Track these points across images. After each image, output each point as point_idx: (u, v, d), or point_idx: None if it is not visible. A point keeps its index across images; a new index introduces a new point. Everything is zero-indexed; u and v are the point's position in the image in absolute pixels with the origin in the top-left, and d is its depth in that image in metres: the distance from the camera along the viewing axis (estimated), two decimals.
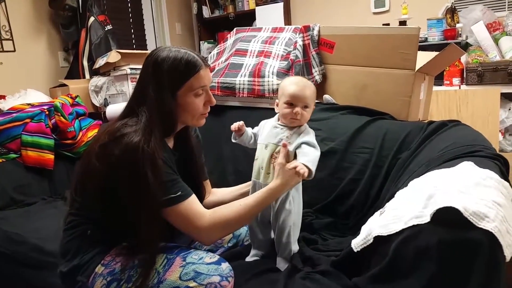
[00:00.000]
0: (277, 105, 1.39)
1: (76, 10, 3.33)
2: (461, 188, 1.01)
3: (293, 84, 1.35)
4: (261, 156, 1.36)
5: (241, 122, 1.43)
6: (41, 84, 3.24)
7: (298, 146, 1.30)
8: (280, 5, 4.41)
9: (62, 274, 1.23)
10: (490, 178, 1.07)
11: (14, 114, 2.36)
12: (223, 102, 2.20)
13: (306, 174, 1.21)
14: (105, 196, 1.15)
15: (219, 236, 1.27)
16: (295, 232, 1.37)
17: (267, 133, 1.38)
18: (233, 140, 1.46)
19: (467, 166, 1.16)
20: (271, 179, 1.30)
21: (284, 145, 1.28)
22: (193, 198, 1.20)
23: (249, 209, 1.23)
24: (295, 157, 1.30)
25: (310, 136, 1.34)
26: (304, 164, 1.22)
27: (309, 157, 1.26)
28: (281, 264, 1.33)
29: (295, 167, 1.21)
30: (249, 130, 1.45)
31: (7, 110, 2.44)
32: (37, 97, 2.75)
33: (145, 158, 1.10)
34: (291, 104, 1.33)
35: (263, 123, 1.44)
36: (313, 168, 1.25)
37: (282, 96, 1.36)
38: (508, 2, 3.62)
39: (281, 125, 1.37)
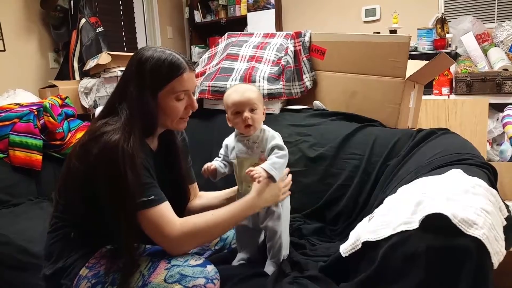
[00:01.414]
0: (228, 120, 1.36)
1: (67, 11, 3.32)
2: (450, 195, 1.01)
3: (234, 93, 1.32)
4: (239, 171, 1.35)
5: (208, 164, 1.37)
6: (30, 85, 3.21)
7: (269, 152, 1.30)
8: (272, 11, 4.43)
9: (46, 277, 1.21)
10: (479, 186, 1.08)
11: (2, 114, 2.32)
12: (213, 106, 2.19)
13: (261, 179, 1.20)
14: (86, 197, 1.13)
15: (190, 246, 1.19)
16: (285, 236, 1.36)
17: (236, 149, 1.35)
18: (213, 180, 1.41)
19: (456, 174, 1.17)
20: None
21: (249, 172, 1.23)
22: (166, 205, 1.16)
23: (222, 220, 1.21)
24: None
25: (276, 139, 1.32)
26: (263, 168, 1.22)
27: (271, 161, 1.26)
28: (270, 268, 1.33)
29: (250, 171, 1.21)
30: (217, 164, 1.39)
31: None
32: (26, 97, 2.72)
33: (125, 156, 1.08)
34: (237, 112, 1.30)
35: (225, 141, 1.42)
36: (274, 172, 1.24)
37: (228, 108, 1.33)
38: (497, 14, 3.68)
39: (244, 137, 1.34)
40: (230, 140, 1.40)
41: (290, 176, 1.39)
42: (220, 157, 1.42)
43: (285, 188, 1.35)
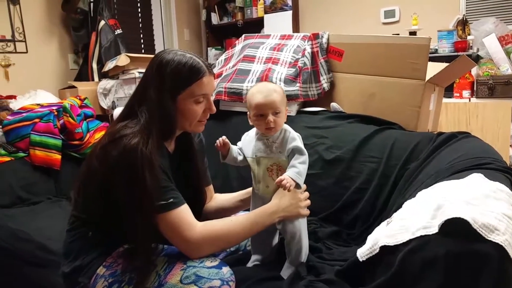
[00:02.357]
0: (250, 119, 1.33)
1: (87, 13, 3.37)
2: (470, 199, 0.99)
3: (257, 94, 1.28)
4: (256, 170, 1.34)
5: (224, 137, 1.35)
6: (50, 85, 3.27)
7: (289, 153, 1.29)
8: (289, 13, 4.42)
9: (64, 275, 1.22)
10: (501, 190, 1.06)
11: (24, 114, 2.37)
12: (229, 108, 2.19)
13: (292, 188, 1.21)
14: (105, 198, 1.14)
15: (209, 251, 1.17)
16: (305, 239, 1.34)
17: (254, 146, 1.34)
18: (221, 161, 1.39)
19: (476, 178, 1.14)
20: (271, 192, 1.30)
21: (279, 182, 1.22)
22: (185, 208, 1.16)
23: (241, 227, 1.21)
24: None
25: (297, 141, 1.30)
26: (290, 177, 1.21)
27: (297, 169, 1.24)
28: (286, 271, 1.31)
29: (280, 181, 1.20)
30: (234, 147, 1.38)
31: (17, 109, 2.45)
32: (47, 97, 2.77)
33: (143, 159, 1.08)
34: (261, 115, 1.27)
35: (244, 136, 1.40)
36: (300, 181, 1.24)
37: (250, 108, 1.31)
38: None
39: (264, 136, 1.32)
40: (248, 135, 1.39)
41: (306, 193, 1.36)
42: (237, 146, 1.40)
43: (306, 203, 1.32)
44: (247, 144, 1.37)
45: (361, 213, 1.70)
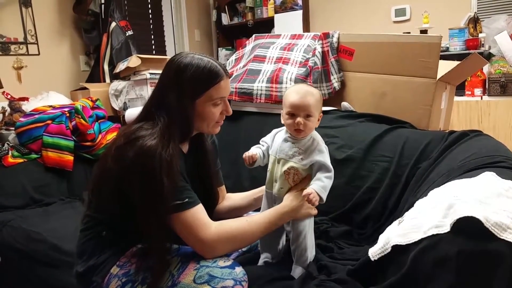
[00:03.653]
0: (282, 115, 1.33)
1: (98, 15, 3.40)
2: (482, 198, 0.98)
3: (294, 93, 1.29)
4: (273, 170, 1.33)
5: (254, 153, 1.35)
6: (62, 87, 3.31)
7: (313, 163, 1.29)
8: (299, 12, 4.41)
9: (78, 274, 1.24)
10: None
11: (36, 116, 2.40)
12: (240, 108, 2.20)
13: (317, 203, 1.21)
14: (119, 198, 1.15)
15: (223, 250, 1.18)
16: (310, 237, 1.35)
17: (278, 146, 1.33)
18: (249, 167, 1.39)
19: (489, 177, 1.13)
20: (284, 194, 1.30)
21: (306, 195, 1.22)
22: (200, 207, 1.17)
23: (256, 227, 1.23)
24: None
25: (324, 155, 1.30)
26: (316, 192, 1.21)
27: (322, 183, 1.24)
28: (296, 271, 1.32)
29: (308, 194, 1.20)
30: (259, 151, 1.37)
31: (30, 111, 2.49)
32: (59, 99, 2.80)
33: (162, 164, 1.09)
34: (292, 114, 1.27)
35: (274, 132, 1.40)
36: (324, 196, 1.24)
37: (284, 106, 1.31)
38: None
39: (292, 138, 1.32)
40: (278, 134, 1.38)
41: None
42: (263, 146, 1.40)
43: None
44: (275, 141, 1.36)
45: (373, 212, 1.70)
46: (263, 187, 1.41)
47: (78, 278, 1.24)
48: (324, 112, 2.06)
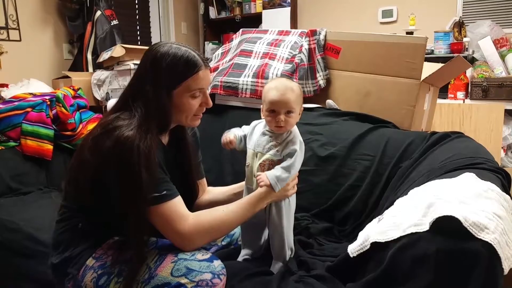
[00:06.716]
0: (262, 111, 1.31)
1: (83, 3, 3.33)
2: (462, 198, 0.99)
3: (273, 90, 1.25)
4: (251, 164, 1.32)
5: (232, 138, 1.35)
6: (44, 75, 3.23)
7: (286, 154, 1.28)
8: (287, 9, 4.40)
9: (53, 266, 1.21)
10: (492, 190, 1.06)
11: (16, 103, 2.35)
12: (225, 102, 2.19)
13: (264, 185, 1.23)
14: (96, 189, 1.13)
15: (202, 242, 1.17)
16: (289, 233, 1.34)
17: (256, 140, 1.32)
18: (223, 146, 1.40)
19: (468, 178, 1.15)
20: None
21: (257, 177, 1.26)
22: (178, 200, 1.16)
23: (233, 215, 1.21)
24: None
25: (295, 146, 1.28)
26: (267, 178, 1.23)
27: (277, 172, 1.24)
28: (276, 267, 1.32)
29: (258, 176, 1.23)
30: (238, 134, 1.37)
31: (9, 98, 2.43)
32: (40, 87, 2.74)
33: (140, 156, 1.07)
34: (273, 111, 1.25)
35: (254, 124, 1.38)
36: (276, 186, 1.23)
37: (264, 102, 1.28)
38: None
39: (270, 132, 1.30)
40: (257, 126, 1.36)
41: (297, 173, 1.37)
42: (243, 131, 1.38)
43: (293, 182, 1.33)
44: (254, 133, 1.35)
45: (354, 210, 1.71)
46: (243, 183, 1.41)
47: (53, 270, 1.22)
48: (309, 110, 2.07)
